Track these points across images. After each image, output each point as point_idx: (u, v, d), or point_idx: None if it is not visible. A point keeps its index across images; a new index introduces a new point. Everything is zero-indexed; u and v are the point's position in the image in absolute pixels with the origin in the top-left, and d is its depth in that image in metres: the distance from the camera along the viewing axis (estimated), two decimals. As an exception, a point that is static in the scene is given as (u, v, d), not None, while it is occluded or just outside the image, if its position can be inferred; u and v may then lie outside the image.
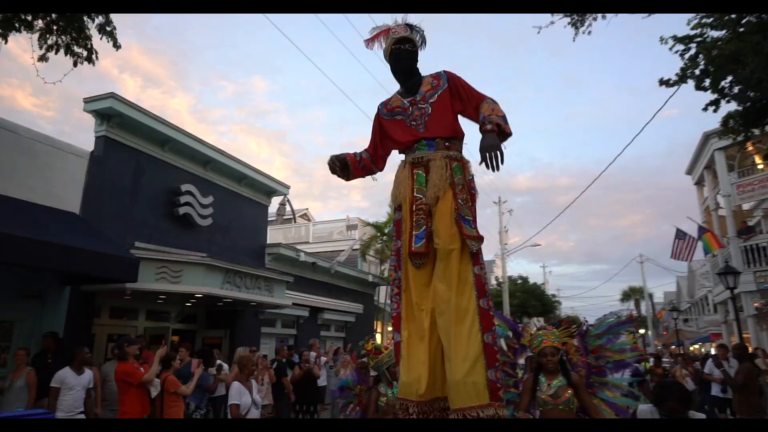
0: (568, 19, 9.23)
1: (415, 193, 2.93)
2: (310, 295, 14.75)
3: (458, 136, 3.09)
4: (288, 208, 23.63)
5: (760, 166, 17.33)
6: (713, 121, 10.11)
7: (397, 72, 3.20)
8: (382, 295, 21.18)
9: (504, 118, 2.80)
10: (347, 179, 3.35)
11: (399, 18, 3.22)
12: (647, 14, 8.25)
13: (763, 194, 17.02)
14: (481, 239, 2.83)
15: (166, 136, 10.27)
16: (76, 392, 6.22)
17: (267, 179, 13.38)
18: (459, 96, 3.07)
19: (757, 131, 9.76)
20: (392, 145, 3.25)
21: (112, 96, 9.03)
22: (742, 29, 8.52)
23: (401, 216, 3.00)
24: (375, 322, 20.47)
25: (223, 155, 11.76)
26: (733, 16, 8.37)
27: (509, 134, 2.80)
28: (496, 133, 2.71)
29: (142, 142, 10.01)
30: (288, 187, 14.18)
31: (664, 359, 15.58)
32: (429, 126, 3.01)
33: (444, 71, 3.16)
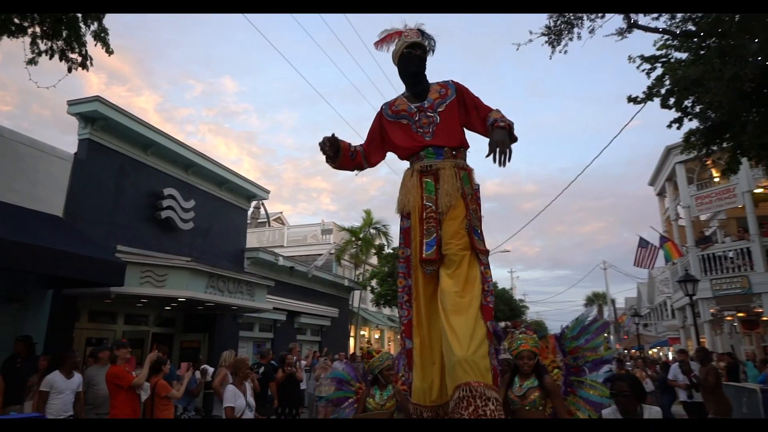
0: (546, 38, 9.74)
1: (425, 202, 2.93)
2: (287, 299, 14.85)
3: (464, 146, 3.12)
4: (262, 211, 23.62)
5: (717, 180, 18.35)
6: (673, 133, 10.74)
7: (405, 75, 3.20)
8: (357, 299, 21.40)
9: (512, 125, 2.89)
10: (333, 165, 3.22)
11: (411, 22, 3.25)
12: (629, 33, 8.81)
13: (720, 206, 18.01)
14: (487, 253, 2.95)
15: (149, 139, 10.28)
16: (65, 396, 6.24)
17: (247, 184, 13.46)
18: (466, 106, 3.11)
19: (715, 148, 10.39)
20: (392, 147, 3.23)
21: (98, 99, 9.03)
22: (702, 52, 9.18)
23: (410, 224, 3.00)
24: (350, 326, 20.63)
25: (205, 159, 11.81)
26: (695, 39, 9.00)
27: (515, 139, 2.88)
28: (507, 133, 2.79)
29: (126, 145, 10.00)
30: (268, 192, 14.27)
31: (627, 363, 16.31)
32: (437, 134, 3.01)
33: (452, 81, 3.20)
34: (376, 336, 26.88)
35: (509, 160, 2.69)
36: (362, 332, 23.86)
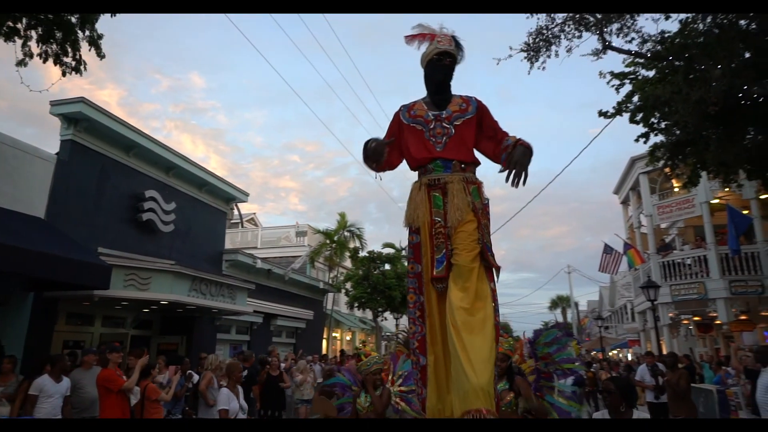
0: (525, 54, 10.17)
1: (433, 216, 2.89)
2: (264, 301, 14.90)
3: (475, 162, 3.09)
4: (236, 212, 23.49)
5: (677, 190, 19.31)
6: (637, 143, 11.35)
7: (431, 82, 3.13)
8: (330, 301, 21.54)
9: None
10: (374, 168, 3.11)
11: (446, 27, 3.17)
12: (603, 54, 9.31)
13: (680, 215, 18.96)
14: (499, 269, 2.90)
15: (132, 141, 10.23)
16: (54, 400, 6.23)
17: (227, 186, 13.48)
18: (482, 127, 3.08)
19: (679, 162, 11.02)
20: (406, 155, 3.15)
21: (83, 101, 8.96)
22: (667, 70, 9.77)
23: (419, 240, 2.95)
24: (324, 329, 20.76)
25: (186, 161, 11.80)
26: (664, 62, 9.57)
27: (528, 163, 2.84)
28: (529, 153, 2.80)
29: (108, 146, 9.94)
30: (247, 195, 14.31)
31: (593, 365, 16.98)
32: (448, 147, 2.97)
33: (475, 98, 3.14)
34: (348, 338, 27.05)
35: (523, 183, 2.72)
36: (334, 334, 24.00)
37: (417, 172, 3.10)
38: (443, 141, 2.98)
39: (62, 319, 9.75)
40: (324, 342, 21.82)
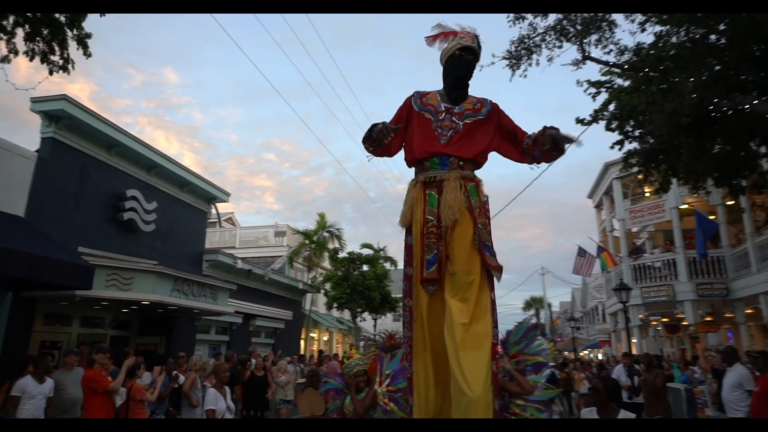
0: (507, 62, 10.43)
1: (426, 215, 2.80)
2: (243, 301, 14.86)
3: (476, 161, 3.01)
4: (214, 211, 23.28)
5: (648, 195, 19.94)
6: (609, 147, 11.73)
7: (450, 77, 3.08)
8: (309, 302, 21.56)
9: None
10: (375, 153, 3.09)
11: (467, 25, 3.15)
12: (583, 64, 9.62)
13: (651, 220, 19.59)
14: (501, 269, 2.83)
15: (113, 140, 10.13)
16: (37, 401, 6.18)
17: (208, 186, 13.41)
18: (502, 129, 3.04)
19: (652, 170, 11.43)
20: (407, 145, 3.10)
21: (65, 98, 8.85)
22: (642, 81, 10.14)
23: (412, 240, 2.89)
24: (302, 329, 20.76)
25: (167, 161, 11.71)
26: (640, 74, 9.94)
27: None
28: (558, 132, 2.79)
29: (90, 145, 9.82)
30: (228, 194, 14.26)
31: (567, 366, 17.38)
32: (452, 141, 2.91)
33: (490, 101, 3.10)
34: (325, 338, 27.07)
35: (572, 143, 2.73)
36: (312, 334, 24.00)
37: (414, 169, 3.06)
38: (449, 134, 2.93)
39: (39, 319, 9.59)
40: (302, 342, 21.83)
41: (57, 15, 6.25)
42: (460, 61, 3.03)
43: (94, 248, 9.53)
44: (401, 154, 3.23)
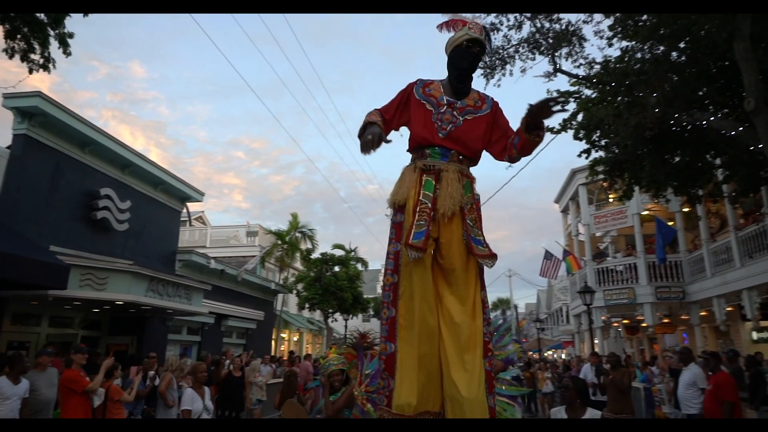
0: (481, 71, 10.76)
1: (420, 197, 2.81)
2: (216, 302, 14.80)
3: (473, 159, 3.03)
4: (184, 210, 22.99)
5: (612, 201, 20.70)
6: (575, 152, 12.22)
7: (455, 68, 3.02)
8: (280, 302, 21.54)
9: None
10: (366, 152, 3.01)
11: (478, 17, 3.28)
12: (554, 76, 10.02)
13: (614, 225, 20.33)
14: (494, 256, 2.81)
15: (88, 137, 10.01)
16: (12, 402, 6.12)
17: (182, 185, 13.33)
18: (497, 125, 3.02)
19: (617, 178, 11.97)
20: (409, 128, 3.07)
21: (39, 95, 8.72)
22: (609, 93, 10.64)
23: (402, 218, 2.86)
24: (273, 329, 20.74)
25: (142, 159, 11.62)
26: (608, 88, 10.43)
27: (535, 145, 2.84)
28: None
29: (63, 142, 9.68)
30: (203, 194, 14.19)
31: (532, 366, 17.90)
32: (451, 136, 2.91)
33: (491, 98, 3.10)
34: (295, 339, 27.04)
35: (556, 105, 2.65)
36: (282, 335, 23.97)
37: (412, 155, 3.05)
38: (448, 128, 2.91)
39: (7, 319, 9.40)
40: (272, 343, 21.79)
41: (38, 14, 6.22)
42: (467, 53, 2.97)
43: (66, 247, 9.40)
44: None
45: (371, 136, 2.78)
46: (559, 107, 2.62)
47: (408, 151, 3.08)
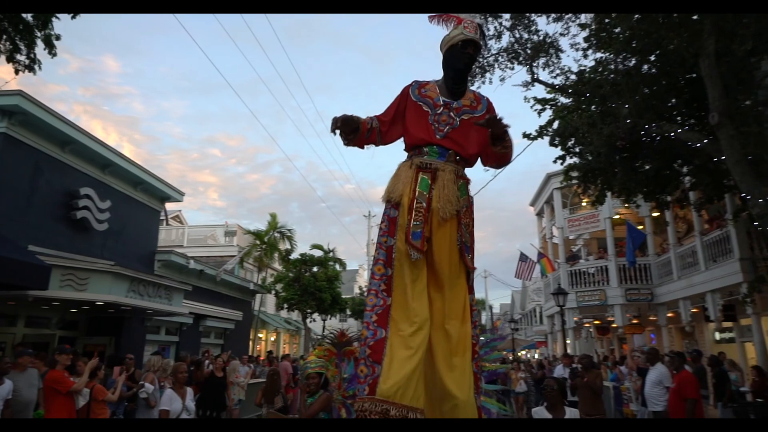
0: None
1: (416, 196, 2.83)
2: (194, 302, 14.77)
3: (469, 160, 3.04)
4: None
5: (585, 205, 21.29)
6: (550, 157, 12.59)
7: (450, 69, 3.03)
8: (258, 302, 21.52)
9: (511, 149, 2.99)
10: (348, 144, 3.07)
11: (476, 16, 3.11)
12: (531, 86, 10.36)
13: (587, 228, 20.92)
14: (473, 271, 2.92)
15: (68, 137, 9.95)
16: (-7, 403, 6.13)
17: (162, 185, 13.29)
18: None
19: (589, 183, 12.40)
20: (405, 131, 3.07)
21: (20, 94, 8.65)
22: (583, 102, 11.05)
23: (397, 214, 2.87)
24: (251, 330, 20.72)
25: (123, 159, 11.57)
26: (582, 98, 10.82)
27: (508, 158, 3.00)
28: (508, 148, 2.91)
29: (44, 141, 9.61)
30: (183, 194, 14.15)
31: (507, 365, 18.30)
32: (448, 137, 2.92)
33: (486, 98, 3.11)
34: (272, 339, 27.01)
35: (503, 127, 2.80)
36: (259, 335, 23.94)
37: (408, 153, 3.05)
38: (445, 130, 2.92)
39: (-18, 320, 9.30)
40: (250, 343, 21.76)
41: (25, 15, 6.24)
42: (462, 54, 2.96)
43: (45, 247, 9.33)
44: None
45: (339, 115, 2.92)
46: (504, 122, 2.78)
47: (405, 150, 3.09)
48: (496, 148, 2.87)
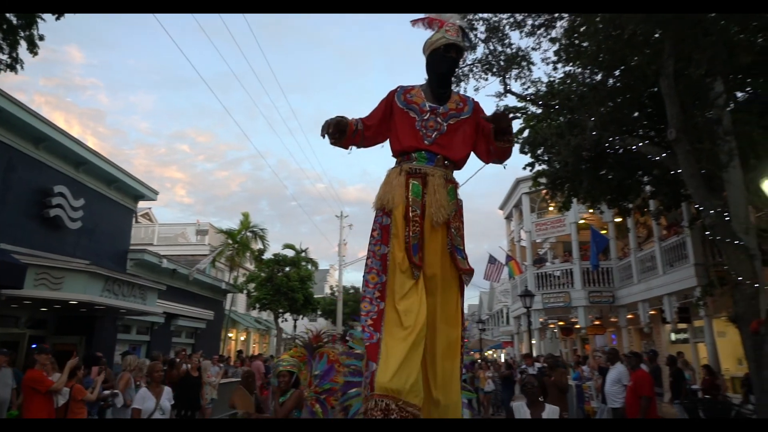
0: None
1: (410, 203, 2.83)
2: (166, 301, 14.70)
3: (457, 164, 3.04)
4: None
5: (551, 209, 21.97)
6: (517, 159, 13.08)
7: (433, 73, 3.04)
8: (229, 302, 21.45)
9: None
10: (334, 144, 3.05)
11: (457, 17, 3.10)
12: (504, 96, 10.76)
13: (553, 233, 21.62)
14: (472, 272, 2.91)
15: (42, 133, 9.85)
16: (-29, 403, 6.13)
17: (136, 183, 13.21)
18: (479, 127, 3.03)
19: (557, 190, 12.92)
20: (392, 137, 3.07)
21: (-6, 89, 8.56)
22: (551, 111, 11.54)
23: (390, 221, 2.85)
24: (222, 330, 20.64)
25: (97, 157, 11.48)
26: (551, 110, 11.30)
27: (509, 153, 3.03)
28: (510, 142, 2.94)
29: (16, 138, 9.50)
30: (157, 193, 14.07)
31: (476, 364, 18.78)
32: (437, 142, 2.93)
33: (472, 99, 3.13)
34: (242, 338, 26.89)
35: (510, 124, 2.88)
36: (230, 334, 23.83)
37: (397, 159, 3.05)
38: (433, 136, 2.93)
39: (-51, 319, 9.13)
40: (221, 344, 21.66)
41: (9, 15, 6.25)
42: (444, 59, 2.98)
43: (17, 245, 9.23)
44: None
45: (332, 119, 2.93)
46: (512, 115, 3.03)
47: (393, 156, 3.09)
48: (500, 143, 2.90)
